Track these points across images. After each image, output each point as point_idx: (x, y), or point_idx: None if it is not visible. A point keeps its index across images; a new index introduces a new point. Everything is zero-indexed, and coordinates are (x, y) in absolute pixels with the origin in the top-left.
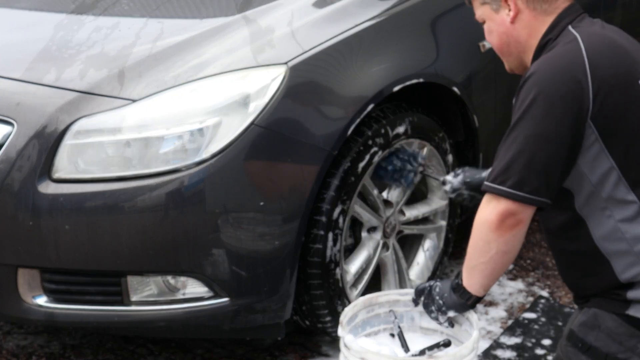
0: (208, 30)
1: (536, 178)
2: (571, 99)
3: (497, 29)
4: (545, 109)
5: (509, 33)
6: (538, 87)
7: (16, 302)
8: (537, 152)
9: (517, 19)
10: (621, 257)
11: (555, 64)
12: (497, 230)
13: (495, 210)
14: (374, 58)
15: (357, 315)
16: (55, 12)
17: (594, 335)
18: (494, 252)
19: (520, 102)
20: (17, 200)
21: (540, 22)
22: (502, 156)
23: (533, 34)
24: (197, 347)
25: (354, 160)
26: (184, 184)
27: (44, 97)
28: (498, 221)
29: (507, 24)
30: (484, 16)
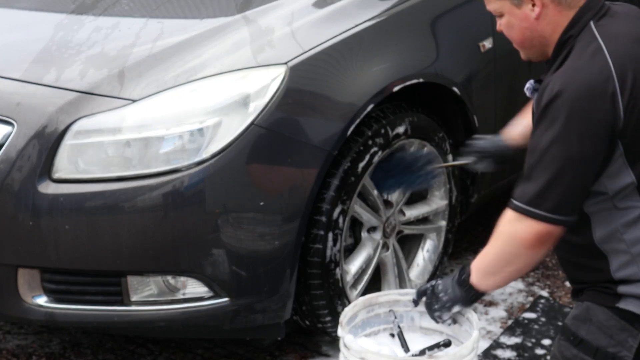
0: (208, 31)
1: (573, 201)
2: (605, 119)
3: (519, 24)
4: (582, 130)
5: (533, 28)
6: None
7: (16, 302)
8: (575, 177)
9: (542, 15)
10: (618, 256)
11: (585, 81)
12: (533, 248)
13: (531, 230)
14: (374, 58)
15: (357, 315)
16: (55, 12)
17: (586, 329)
18: (522, 265)
19: (551, 119)
20: (17, 200)
21: (564, 16)
22: (537, 177)
23: (556, 29)
24: (197, 347)
25: (354, 160)
26: (184, 184)
27: (44, 97)
28: (535, 241)
29: (531, 20)
30: (502, 10)
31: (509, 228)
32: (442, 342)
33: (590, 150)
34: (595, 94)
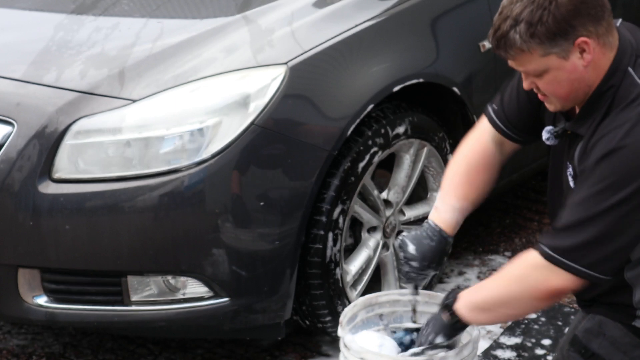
0: (208, 31)
1: (613, 261)
2: None
3: (567, 77)
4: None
5: (582, 78)
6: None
7: (16, 302)
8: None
9: (591, 62)
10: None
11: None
12: (545, 300)
13: (550, 283)
14: (374, 58)
15: (357, 315)
16: (56, 12)
17: (598, 343)
18: (521, 312)
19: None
20: (17, 201)
21: (606, 59)
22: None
23: (600, 74)
24: (197, 347)
25: (354, 160)
26: (184, 184)
27: (44, 97)
28: (550, 294)
29: (580, 69)
30: (548, 66)
31: (528, 272)
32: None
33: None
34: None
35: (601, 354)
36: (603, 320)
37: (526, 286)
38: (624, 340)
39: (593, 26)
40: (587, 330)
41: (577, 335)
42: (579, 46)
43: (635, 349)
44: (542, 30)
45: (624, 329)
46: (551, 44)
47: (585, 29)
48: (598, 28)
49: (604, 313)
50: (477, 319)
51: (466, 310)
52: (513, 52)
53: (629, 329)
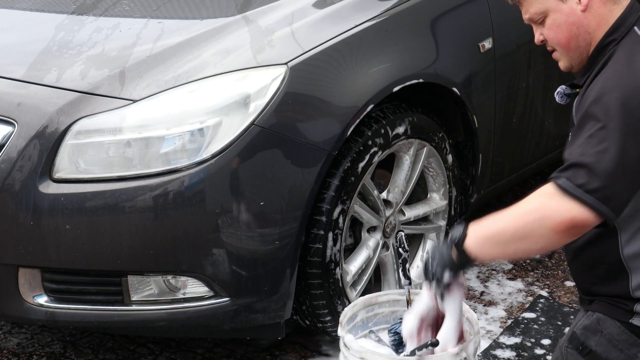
0: (208, 31)
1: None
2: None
3: (565, 20)
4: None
5: (579, 23)
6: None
7: (17, 302)
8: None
9: (589, 8)
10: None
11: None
12: (560, 233)
13: (569, 213)
14: (374, 58)
15: (357, 315)
16: (56, 12)
17: (596, 340)
18: (539, 246)
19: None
20: (18, 200)
21: (608, 10)
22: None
23: (600, 25)
24: (198, 346)
25: (354, 160)
26: (184, 184)
27: (45, 97)
28: (569, 226)
29: (578, 13)
30: (547, 9)
31: (544, 202)
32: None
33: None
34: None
35: (598, 352)
36: (601, 318)
37: (544, 217)
38: (621, 338)
39: None
40: (585, 328)
41: (576, 332)
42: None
43: (632, 347)
44: None
45: (622, 327)
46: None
47: None
48: None
49: (603, 310)
50: (490, 254)
51: (478, 246)
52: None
53: (627, 327)
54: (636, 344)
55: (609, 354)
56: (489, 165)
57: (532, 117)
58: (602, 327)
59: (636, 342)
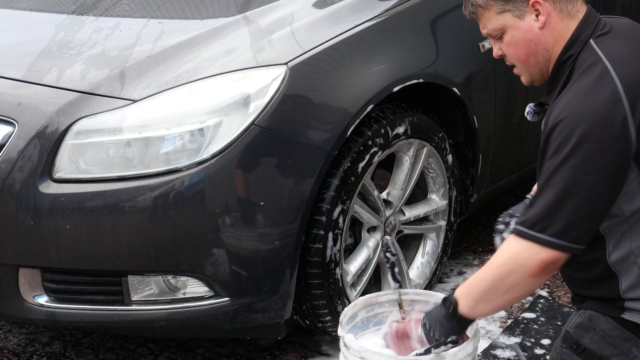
0: (208, 31)
1: (580, 227)
2: (615, 146)
3: (523, 37)
4: (590, 156)
5: (538, 40)
6: (578, 133)
7: (17, 302)
8: (582, 202)
9: (546, 24)
10: (629, 276)
11: (594, 105)
12: (536, 276)
13: (537, 258)
14: (374, 58)
15: (357, 315)
16: (56, 12)
17: (589, 337)
18: (522, 293)
19: (557, 145)
20: (18, 200)
21: (565, 26)
22: (542, 202)
23: (558, 41)
24: (198, 346)
25: (354, 160)
26: (184, 184)
27: (45, 97)
28: (540, 269)
29: (536, 31)
30: (505, 25)
31: (512, 254)
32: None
33: (599, 176)
34: (605, 120)
35: (592, 349)
36: (593, 315)
37: (517, 267)
38: (613, 334)
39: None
40: (578, 326)
41: (569, 331)
42: (532, 6)
43: (625, 342)
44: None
45: (614, 322)
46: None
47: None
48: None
49: (594, 308)
50: (485, 311)
51: (471, 309)
52: (474, 10)
53: (618, 322)
54: (629, 338)
55: (603, 350)
56: (489, 165)
57: None
58: (594, 324)
59: (629, 336)
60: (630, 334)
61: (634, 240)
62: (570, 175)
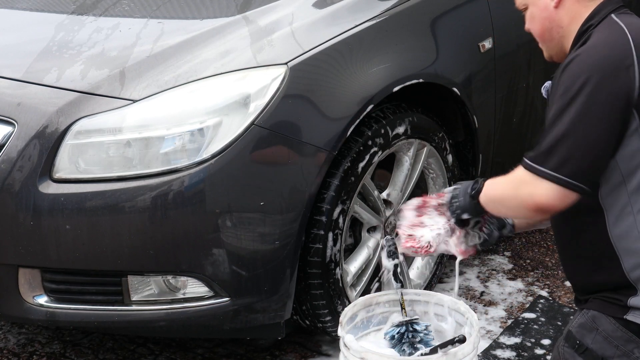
0: (208, 31)
1: (578, 161)
2: (619, 86)
3: (539, 14)
4: (594, 95)
5: (552, 18)
6: (586, 74)
7: (17, 302)
8: (582, 137)
9: (561, 4)
10: (632, 255)
11: (603, 50)
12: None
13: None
14: (374, 58)
15: (357, 315)
16: (56, 12)
17: (591, 338)
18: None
19: (565, 87)
20: (18, 200)
21: (583, 6)
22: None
23: (575, 19)
24: (198, 346)
25: (354, 161)
26: (184, 184)
27: (45, 97)
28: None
29: (550, 9)
30: (527, 2)
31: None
32: (455, 338)
33: (600, 112)
34: (612, 62)
35: (594, 349)
36: (596, 315)
37: (516, 194)
38: (616, 335)
39: None
40: (580, 326)
41: (571, 330)
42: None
43: (627, 343)
44: None
45: (616, 323)
46: None
47: None
48: None
49: (597, 308)
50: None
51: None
52: None
53: (621, 323)
54: (631, 340)
55: (605, 351)
56: (489, 165)
57: (532, 117)
58: (597, 325)
59: (631, 338)
60: (632, 336)
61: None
62: (574, 114)
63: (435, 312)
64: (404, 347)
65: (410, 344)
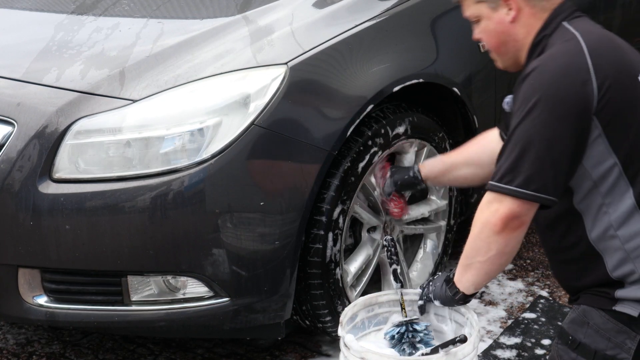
0: (208, 31)
1: (544, 175)
2: (575, 100)
3: (494, 27)
4: (550, 107)
5: (508, 32)
6: (542, 89)
7: (17, 302)
8: (544, 150)
9: (517, 19)
10: (613, 253)
11: (558, 64)
12: (500, 233)
13: (498, 212)
14: (374, 58)
15: (357, 315)
16: (56, 12)
17: (583, 332)
18: (493, 253)
19: (521, 102)
20: (17, 200)
21: (537, 19)
22: (507, 155)
23: (530, 32)
24: (198, 347)
25: (354, 160)
26: (184, 184)
27: (45, 97)
28: (502, 224)
29: (506, 23)
30: (480, 14)
31: (480, 214)
32: (457, 337)
33: (558, 128)
34: (567, 76)
35: (587, 343)
36: (586, 310)
37: (484, 225)
38: (607, 327)
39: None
40: (572, 321)
41: (564, 327)
42: (505, 0)
43: (618, 335)
44: None
45: (606, 316)
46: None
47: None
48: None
49: (587, 302)
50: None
51: (458, 278)
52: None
53: (611, 315)
54: (622, 330)
55: (597, 344)
56: None
57: None
58: (588, 319)
59: (622, 329)
60: (623, 326)
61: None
62: (530, 128)
63: (435, 313)
64: (404, 347)
65: (411, 343)
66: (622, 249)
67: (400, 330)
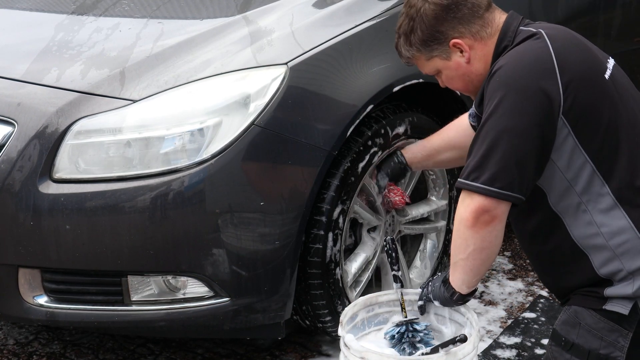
0: (208, 31)
1: (509, 173)
2: (540, 95)
3: (456, 73)
4: (515, 105)
5: (469, 72)
6: (507, 84)
7: (17, 302)
8: (509, 148)
9: (471, 57)
10: (598, 251)
11: (523, 60)
12: (473, 227)
13: (469, 207)
14: (374, 58)
15: (357, 315)
16: (56, 12)
17: (576, 333)
18: (471, 249)
19: (489, 99)
20: (18, 201)
21: (490, 45)
22: (475, 153)
23: (488, 60)
24: (198, 346)
25: (354, 161)
26: (184, 184)
27: (45, 97)
28: (473, 218)
29: (464, 65)
30: (436, 68)
31: (458, 207)
32: (457, 337)
33: (524, 124)
34: (532, 72)
35: (580, 343)
36: (578, 310)
37: (459, 221)
38: (598, 326)
39: (463, 27)
40: (564, 323)
41: (556, 329)
42: (454, 46)
43: (610, 333)
44: (416, 39)
45: (597, 315)
46: (428, 49)
47: (456, 31)
48: (470, 27)
49: (578, 303)
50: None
51: (451, 278)
52: (406, 60)
53: (602, 314)
54: (614, 329)
55: (590, 344)
56: None
57: None
58: (579, 319)
59: (614, 327)
60: (614, 325)
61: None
62: (496, 124)
63: (435, 312)
64: (404, 347)
65: (411, 343)
66: (607, 246)
67: (401, 330)
